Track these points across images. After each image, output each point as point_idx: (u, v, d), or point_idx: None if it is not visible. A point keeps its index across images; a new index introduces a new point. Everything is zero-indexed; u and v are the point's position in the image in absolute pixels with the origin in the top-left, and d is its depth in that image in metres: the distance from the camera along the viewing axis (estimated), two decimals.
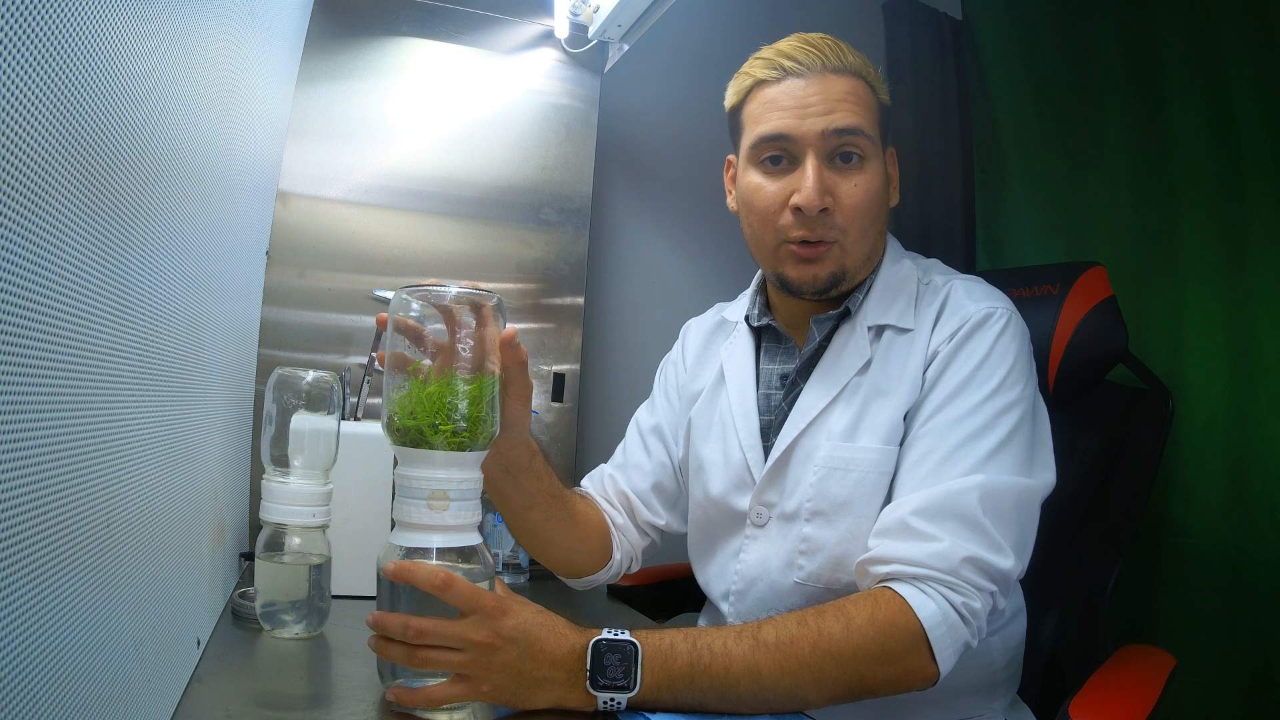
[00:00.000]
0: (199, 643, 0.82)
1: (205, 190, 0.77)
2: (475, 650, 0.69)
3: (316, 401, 0.94)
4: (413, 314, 0.75)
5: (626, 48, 1.63)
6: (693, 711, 0.74)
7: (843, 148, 0.91)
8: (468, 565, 0.73)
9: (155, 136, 0.56)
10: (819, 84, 0.91)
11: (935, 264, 1.02)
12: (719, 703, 0.74)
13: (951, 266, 1.02)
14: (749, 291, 1.09)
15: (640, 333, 1.84)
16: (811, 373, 0.97)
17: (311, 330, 1.46)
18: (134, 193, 0.52)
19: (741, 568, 0.98)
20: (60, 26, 0.38)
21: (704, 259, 1.91)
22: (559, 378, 1.64)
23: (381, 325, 0.77)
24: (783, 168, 0.93)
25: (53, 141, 0.38)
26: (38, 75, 0.36)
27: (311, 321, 1.46)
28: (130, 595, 0.55)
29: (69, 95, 0.40)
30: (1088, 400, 1.30)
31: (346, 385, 1.16)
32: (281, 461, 0.92)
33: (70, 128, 0.41)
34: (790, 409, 0.96)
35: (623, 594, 1.36)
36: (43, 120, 0.37)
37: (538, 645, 0.71)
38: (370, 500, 1.08)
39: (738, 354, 1.05)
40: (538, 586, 1.28)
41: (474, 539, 0.73)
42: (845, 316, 0.97)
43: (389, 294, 0.78)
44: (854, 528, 0.89)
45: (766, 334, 1.05)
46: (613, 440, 1.21)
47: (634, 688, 0.72)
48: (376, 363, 1.00)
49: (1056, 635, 1.19)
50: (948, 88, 2.04)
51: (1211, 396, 1.48)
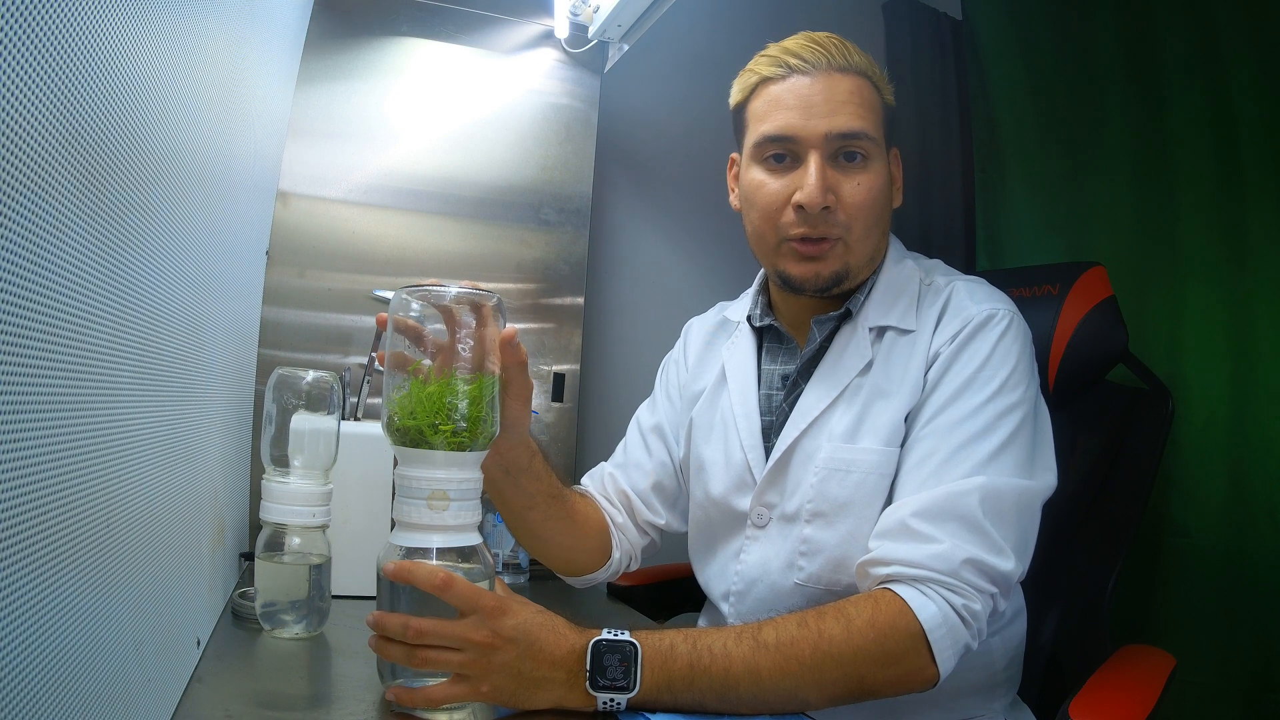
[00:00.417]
0: (199, 643, 0.82)
1: (205, 190, 0.77)
2: (475, 650, 0.69)
3: (316, 401, 0.94)
4: (413, 314, 0.75)
5: (626, 48, 1.63)
6: (692, 712, 0.74)
7: (846, 148, 0.92)
8: (468, 565, 0.73)
9: (155, 136, 0.56)
10: (824, 83, 0.91)
11: (938, 265, 1.01)
12: (719, 703, 0.74)
13: (952, 267, 1.02)
14: (751, 291, 1.09)
15: (640, 333, 1.84)
16: (813, 373, 0.96)
17: (311, 330, 1.46)
18: (134, 193, 0.52)
19: (742, 568, 0.98)
20: (60, 26, 0.38)
21: (704, 259, 1.91)
22: (559, 378, 1.64)
23: (381, 325, 0.77)
24: (786, 165, 0.93)
25: (53, 141, 0.38)
26: (38, 75, 0.36)
27: (311, 321, 1.46)
28: (130, 595, 0.55)
29: (69, 95, 0.40)
30: (1088, 400, 1.30)
31: (346, 385, 1.16)
32: (281, 461, 0.92)
33: (70, 128, 0.40)
34: (791, 410, 0.96)
35: (623, 594, 1.36)
36: (43, 120, 0.37)
37: (537, 645, 0.71)
38: (370, 500, 1.08)
39: (739, 354, 1.05)
40: (538, 586, 1.28)
41: (474, 539, 0.73)
42: (846, 317, 0.97)
43: (389, 294, 0.78)
44: (854, 529, 0.89)
45: (768, 334, 1.04)
46: (613, 440, 1.21)
47: (634, 688, 0.72)
48: (376, 363, 1.00)
49: (1056, 635, 1.19)
50: (948, 88, 2.04)
51: (1211, 396, 1.48)
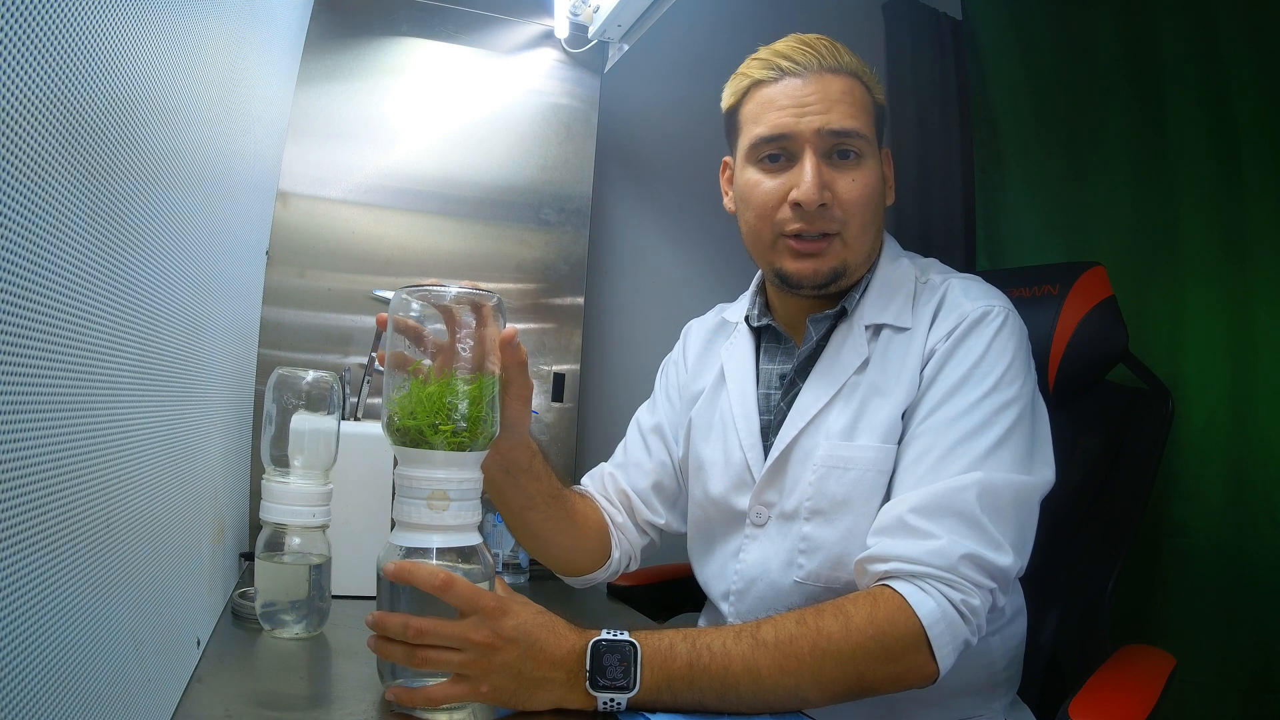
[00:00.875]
0: (199, 643, 0.82)
1: (205, 190, 0.77)
2: (475, 650, 0.69)
3: (316, 401, 0.94)
4: (413, 314, 0.75)
5: (626, 48, 1.63)
6: (692, 711, 0.74)
7: (840, 146, 0.92)
8: (468, 565, 0.73)
9: (155, 136, 0.56)
10: (816, 83, 0.92)
11: (933, 263, 1.02)
12: (719, 703, 0.74)
13: (951, 266, 1.02)
14: (749, 292, 1.09)
15: (640, 333, 1.84)
16: (810, 372, 0.97)
17: (311, 330, 1.46)
18: (134, 193, 0.52)
19: (741, 567, 0.98)
20: (60, 26, 0.38)
21: (704, 259, 1.91)
22: (559, 378, 1.64)
23: (381, 325, 0.77)
24: (781, 165, 0.94)
25: (53, 141, 0.38)
26: (38, 75, 0.36)
27: (311, 321, 1.46)
28: (130, 595, 0.55)
29: (69, 95, 0.40)
30: (1088, 400, 1.30)
31: (346, 385, 1.16)
32: (281, 461, 0.92)
33: (70, 128, 0.41)
34: (789, 409, 0.96)
35: (623, 594, 1.36)
36: (43, 120, 0.37)
37: (537, 646, 0.71)
38: (370, 500, 1.08)
39: (738, 354, 1.05)
40: (538, 586, 1.28)
41: (474, 539, 0.73)
42: (842, 316, 0.97)
43: (389, 294, 0.78)
44: (853, 526, 0.89)
45: (766, 334, 1.05)
46: (613, 440, 1.21)
47: (633, 688, 0.72)
48: (376, 363, 1.00)
49: (1056, 635, 1.19)
50: (948, 88, 2.04)
51: (1211, 396, 1.48)
